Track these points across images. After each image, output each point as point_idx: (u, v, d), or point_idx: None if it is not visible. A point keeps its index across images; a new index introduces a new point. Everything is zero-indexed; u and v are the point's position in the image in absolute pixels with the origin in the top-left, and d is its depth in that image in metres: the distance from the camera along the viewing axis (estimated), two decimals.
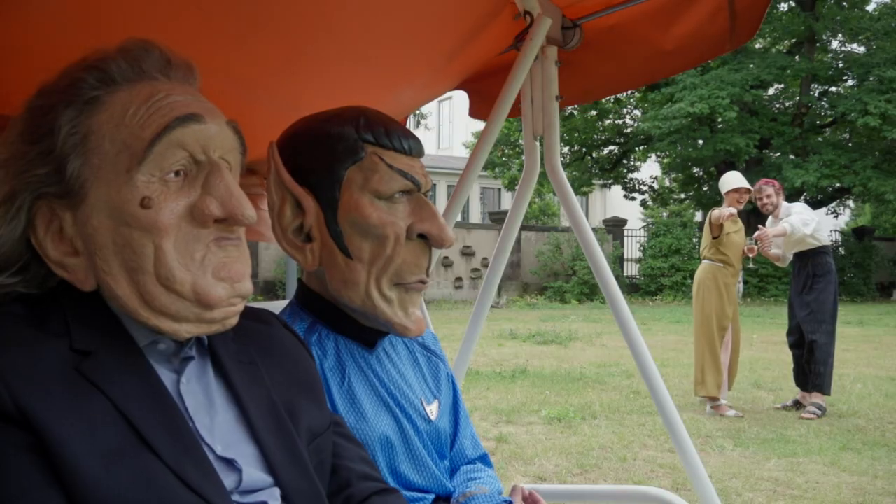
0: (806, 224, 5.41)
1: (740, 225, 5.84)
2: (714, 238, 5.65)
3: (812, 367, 5.45)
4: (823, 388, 5.42)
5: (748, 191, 5.73)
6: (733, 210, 5.53)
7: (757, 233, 5.52)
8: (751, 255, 5.68)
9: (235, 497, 0.75)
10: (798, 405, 5.58)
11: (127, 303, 0.74)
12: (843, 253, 20.34)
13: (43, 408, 0.65)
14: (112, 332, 0.75)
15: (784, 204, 5.70)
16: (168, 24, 1.18)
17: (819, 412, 5.33)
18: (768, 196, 5.67)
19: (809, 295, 5.55)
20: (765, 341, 9.74)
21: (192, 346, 0.81)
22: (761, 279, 18.88)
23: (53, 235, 0.75)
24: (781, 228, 5.42)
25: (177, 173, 0.76)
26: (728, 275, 5.65)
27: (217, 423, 0.78)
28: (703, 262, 5.77)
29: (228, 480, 0.75)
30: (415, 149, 1.12)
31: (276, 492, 0.79)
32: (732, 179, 5.79)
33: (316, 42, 1.48)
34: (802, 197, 18.16)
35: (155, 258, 0.73)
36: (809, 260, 5.59)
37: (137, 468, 0.67)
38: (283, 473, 0.80)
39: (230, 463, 0.76)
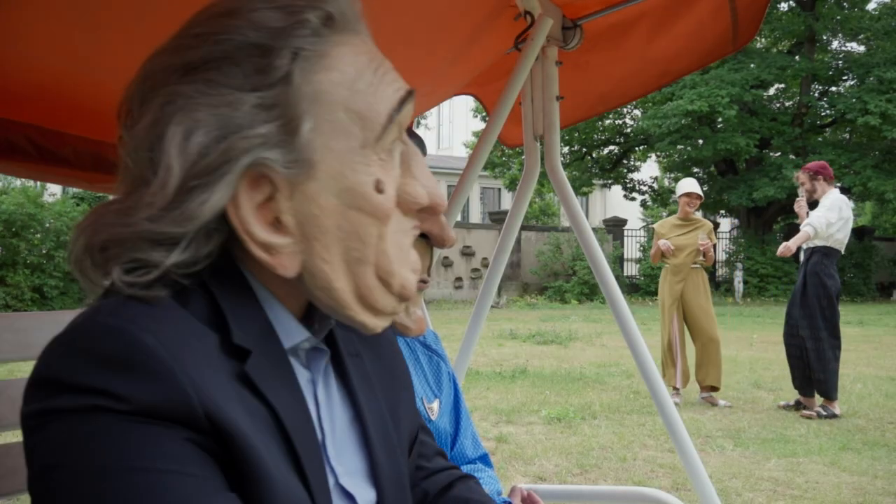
0: (830, 224, 5.35)
1: (685, 228, 6.13)
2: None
3: (812, 374, 5.41)
4: (828, 394, 5.36)
5: (699, 196, 6.13)
6: (669, 245, 5.99)
7: (780, 249, 5.52)
8: (702, 250, 5.96)
9: None
10: (800, 405, 5.56)
11: (341, 296, 0.64)
12: (843, 253, 20.32)
13: (230, 417, 0.56)
14: (263, 329, 0.64)
15: (830, 190, 5.50)
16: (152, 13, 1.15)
17: (824, 413, 5.30)
18: (802, 183, 5.60)
19: (806, 296, 5.49)
20: (765, 341, 9.74)
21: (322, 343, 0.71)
22: (761, 279, 18.89)
23: (258, 208, 0.61)
24: (804, 234, 5.36)
25: (388, 154, 0.66)
26: (670, 273, 6.06)
27: (337, 431, 0.70)
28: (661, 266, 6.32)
29: None
30: (417, 148, 1.12)
31: None
32: (686, 184, 6.19)
33: None
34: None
35: (378, 249, 0.64)
36: (811, 257, 5.52)
37: (292, 491, 0.60)
38: (388, 493, 0.72)
39: (349, 496, 0.68)
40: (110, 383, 0.52)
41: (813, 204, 5.65)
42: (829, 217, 5.36)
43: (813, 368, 5.39)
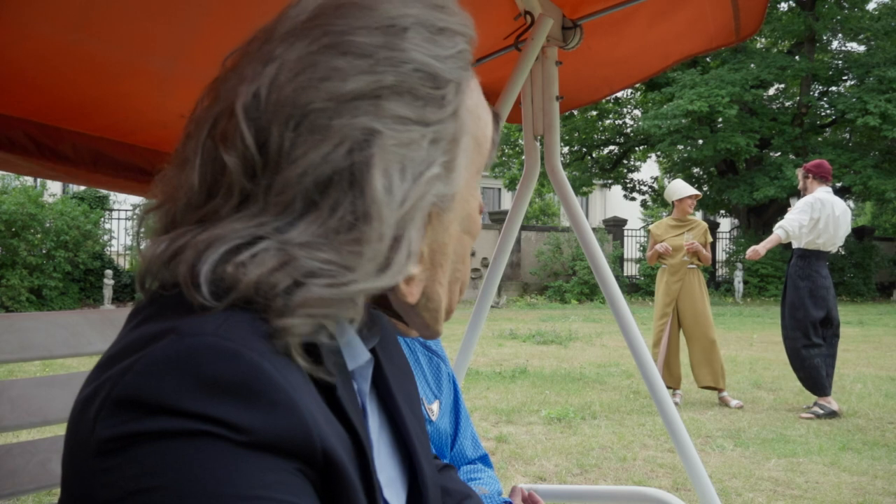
0: (802, 226, 5.37)
1: (681, 229, 6.17)
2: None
3: (795, 373, 5.46)
4: (815, 391, 5.37)
5: (697, 195, 6.19)
6: (667, 247, 6.03)
7: (748, 252, 5.61)
8: (691, 251, 6.00)
9: None
10: (820, 407, 5.47)
11: (440, 314, 0.64)
12: (843, 253, 20.34)
13: (340, 452, 0.53)
14: (336, 353, 0.60)
15: (816, 189, 5.52)
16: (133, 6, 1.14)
17: (820, 412, 5.30)
18: (799, 181, 5.68)
19: (784, 298, 5.55)
20: (765, 341, 9.74)
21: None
22: (761, 279, 18.89)
23: None
24: (775, 237, 5.43)
25: None
26: (667, 273, 6.06)
27: (381, 451, 0.68)
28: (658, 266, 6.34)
29: None
30: None
31: None
32: (679, 188, 6.21)
33: None
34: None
35: (468, 266, 0.66)
36: (791, 259, 5.58)
37: None
38: (431, 492, 0.70)
39: None
40: (226, 412, 0.47)
41: None
42: (800, 219, 5.38)
43: (793, 368, 5.46)
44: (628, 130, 21.90)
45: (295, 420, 0.49)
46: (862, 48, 19.73)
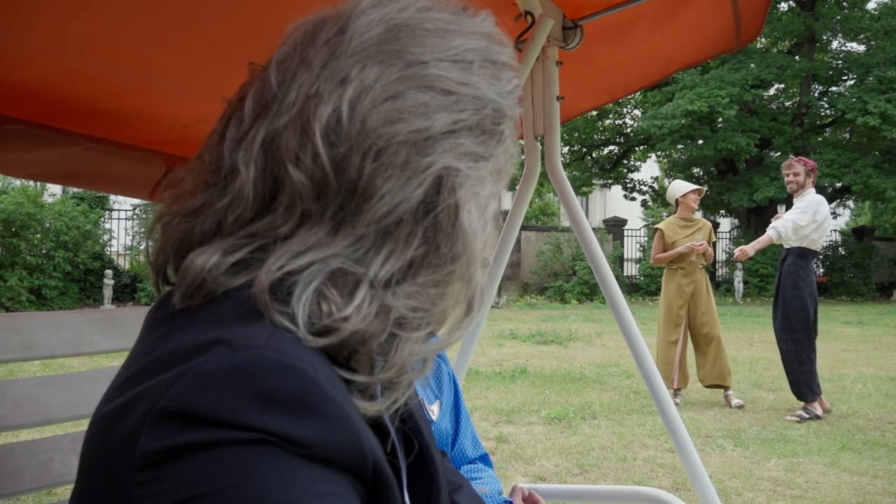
0: (798, 227, 5.32)
1: (690, 229, 6.14)
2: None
3: (787, 375, 5.39)
4: (802, 396, 5.31)
5: (698, 189, 6.12)
6: (692, 246, 5.94)
7: (736, 252, 5.59)
8: (698, 250, 5.96)
9: None
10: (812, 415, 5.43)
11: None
12: (843, 253, 20.35)
13: (386, 466, 0.53)
14: None
15: (809, 190, 5.47)
16: (79, 12, 1.13)
17: (806, 416, 5.25)
18: (795, 174, 5.47)
19: (779, 298, 5.44)
20: (765, 341, 9.73)
21: None
22: (761, 279, 18.89)
23: None
24: (767, 237, 5.41)
25: None
26: (680, 275, 6.04)
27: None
28: (665, 268, 6.26)
29: None
30: None
31: None
32: (681, 185, 6.19)
33: None
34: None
35: None
36: (784, 258, 5.49)
37: None
38: (442, 481, 0.69)
39: None
40: (283, 425, 0.47)
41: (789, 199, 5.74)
42: (798, 220, 5.33)
43: (788, 370, 5.36)
44: (628, 130, 21.90)
45: (350, 434, 0.49)
46: (862, 48, 19.73)
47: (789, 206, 5.75)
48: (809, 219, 5.33)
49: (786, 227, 5.32)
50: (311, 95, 0.55)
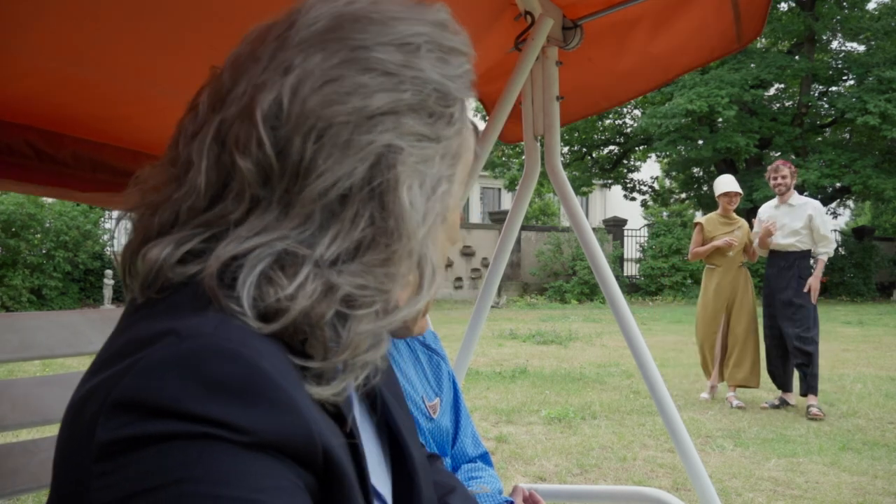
0: (829, 244, 5.56)
1: (730, 226, 6.06)
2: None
3: (809, 371, 5.48)
4: (817, 390, 5.50)
5: (739, 193, 6.09)
6: (729, 241, 5.89)
7: (812, 294, 5.51)
8: (735, 243, 5.92)
9: None
10: (785, 403, 5.62)
11: (418, 317, 0.68)
12: (843, 253, 20.34)
13: (340, 455, 0.53)
14: None
15: (795, 193, 5.71)
16: (82, 22, 1.13)
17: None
18: (783, 177, 5.68)
19: (799, 298, 5.53)
20: None
21: None
22: (761, 279, 18.86)
23: None
24: (822, 263, 5.53)
25: None
26: (719, 274, 5.97)
27: (363, 430, 0.68)
28: (705, 266, 6.22)
29: None
30: None
31: None
32: (726, 182, 6.13)
33: None
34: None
35: (444, 269, 0.69)
36: (797, 261, 5.59)
37: None
38: (421, 476, 0.70)
39: (379, 496, 0.67)
40: (228, 413, 0.47)
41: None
42: (829, 232, 5.58)
43: (809, 364, 5.47)
44: (628, 130, 21.90)
45: (295, 419, 0.50)
46: (862, 48, 19.73)
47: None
48: (829, 228, 5.63)
49: (833, 247, 5.62)
50: (257, 86, 0.57)
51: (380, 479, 0.68)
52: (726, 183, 6.07)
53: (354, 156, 0.55)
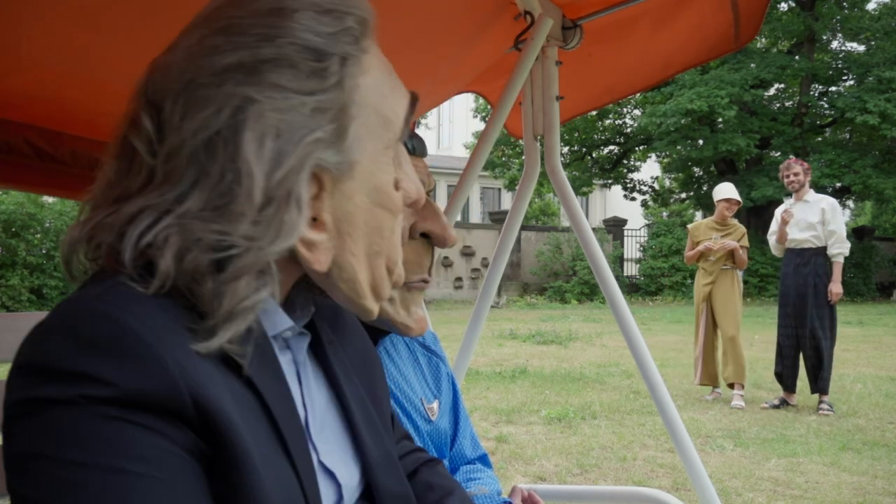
0: (847, 244, 5.56)
1: (720, 231, 6.24)
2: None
3: (820, 372, 5.51)
4: (827, 390, 5.55)
5: (738, 202, 6.27)
6: (709, 246, 6.09)
7: (833, 296, 5.53)
8: (714, 249, 6.08)
9: None
10: (785, 404, 5.63)
11: (361, 287, 0.68)
12: None
13: (219, 405, 0.56)
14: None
15: (810, 190, 5.72)
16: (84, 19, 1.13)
17: (831, 409, 5.49)
18: (795, 174, 5.71)
19: (815, 297, 5.55)
20: (765, 341, 9.73)
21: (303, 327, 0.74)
22: (761, 279, 18.89)
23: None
24: (840, 263, 5.51)
25: (397, 153, 0.70)
26: (702, 275, 6.21)
27: (317, 411, 0.72)
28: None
29: (329, 493, 0.69)
30: (419, 148, 1.12)
31: (361, 494, 0.73)
32: (725, 189, 6.26)
33: None
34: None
35: (390, 242, 0.69)
36: (812, 258, 5.59)
37: (279, 472, 0.60)
38: (377, 473, 0.74)
39: (330, 474, 0.70)
40: (95, 367, 0.52)
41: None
42: (843, 232, 5.58)
43: (823, 367, 5.51)
44: (628, 130, 21.90)
45: (159, 371, 0.53)
46: (862, 48, 19.73)
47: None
48: (843, 230, 5.62)
49: (847, 246, 5.56)
50: (149, 67, 0.63)
51: (337, 461, 0.71)
52: (726, 190, 6.24)
53: (207, 109, 0.58)
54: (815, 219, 5.55)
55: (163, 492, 0.53)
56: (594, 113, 20.97)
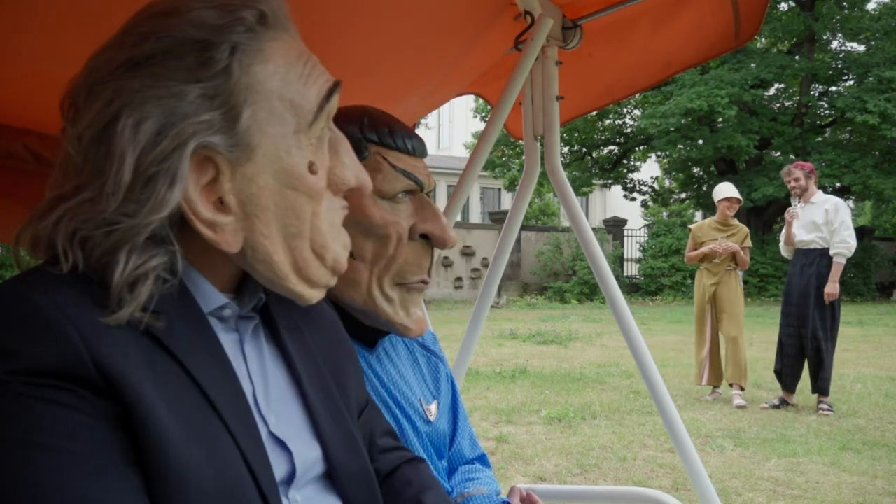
0: (852, 240, 5.49)
1: (724, 232, 6.19)
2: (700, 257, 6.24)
3: (820, 373, 5.49)
4: (826, 391, 5.54)
5: (739, 200, 6.25)
6: (714, 248, 6.04)
7: (828, 298, 5.48)
8: (719, 252, 6.03)
9: (290, 492, 0.72)
10: (785, 403, 5.62)
11: (280, 268, 0.70)
12: None
13: (125, 370, 0.59)
14: (181, 296, 0.69)
15: (817, 191, 5.67)
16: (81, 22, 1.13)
17: (831, 409, 5.47)
18: (796, 179, 5.66)
19: (819, 298, 5.51)
20: (765, 341, 9.73)
21: (254, 308, 0.77)
22: (761, 279, 18.89)
23: (204, 190, 0.67)
24: (839, 265, 5.42)
25: (318, 139, 0.73)
26: (705, 276, 6.16)
27: (271, 388, 0.75)
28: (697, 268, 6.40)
29: (280, 466, 0.72)
30: (418, 149, 1.12)
31: (325, 470, 0.76)
32: (725, 189, 6.22)
33: (321, 61, 1.47)
34: None
35: (312, 225, 0.71)
36: (817, 259, 5.57)
37: (210, 439, 0.63)
38: (334, 449, 0.77)
39: (281, 444, 0.73)
40: (7, 340, 0.57)
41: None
42: (849, 237, 5.49)
43: (823, 368, 5.48)
44: (628, 130, 21.90)
45: (60, 340, 0.57)
46: (862, 48, 19.72)
47: (789, 205, 5.83)
48: (851, 226, 5.56)
49: (848, 246, 5.46)
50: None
51: (293, 435, 0.75)
52: (726, 189, 6.22)
53: (98, 103, 0.64)
54: (820, 220, 5.54)
55: (78, 463, 0.56)
56: (594, 113, 20.96)
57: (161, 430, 0.59)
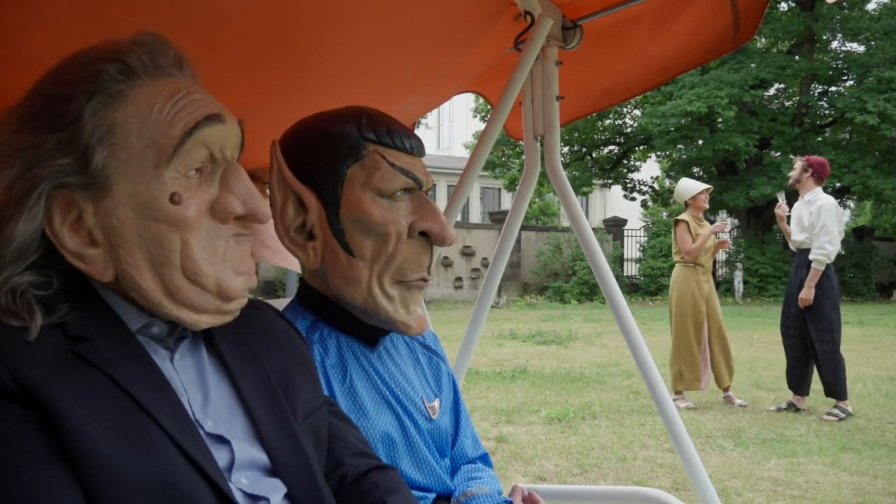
0: (833, 246, 5.30)
1: (705, 225, 6.09)
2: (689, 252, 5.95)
3: (822, 377, 5.38)
4: (836, 395, 5.34)
5: (708, 188, 6.13)
6: (724, 225, 5.95)
7: (802, 302, 5.36)
8: (728, 243, 5.97)
9: (233, 476, 0.77)
10: (792, 407, 5.56)
11: (150, 295, 0.75)
12: (843, 253, 20.31)
13: (44, 383, 0.66)
14: (104, 318, 0.76)
15: (813, 189, 5.51)
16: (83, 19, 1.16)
17: (842, 415, 5.26)
18: (793, 171, 5.61)
19: (827, 299, 5.38)
20: (765, 341, 9.74)
21: (185, 328, 0.82)
22: (761, 279, 18.89)
23: (70, 225, 0.74)
24: (816, 271, 5.28)
25: (197, 170, 0.78)
26: (700, 273, 5.91)
27: (210, 400, 0.80)
28: (676, 265, 6.05)
29: (221, 456, 0.76)
30: (416, 147, 1.12)
31: (268, 466, 0.81)
32: (692, 185, 6.15)
33: (321, 61, 1.47)
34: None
35: (182, 253, 0.76)
36: (805, 260, 5.45)
37: (140, 437, 0.69)
38: (276, 449, 0.81)
39: (220, 439, 0.78)
40: None
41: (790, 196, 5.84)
42: (833, 233, 5.30)
43: (826, 371, 5.35)
44: (628, 130, 21.90)
45: None
46: (861, 48, 19.72)
47: (789, 205, 5.76)
48: (835, 230, 5.34)
49: (825, 252, 5.28)
50: None
51: (233, 435, 0.79)
52: (695, 182, 6.18)
53: None
54: (806, 221, 5.43)
55: (14, 461, 0.63)
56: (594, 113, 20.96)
57: (77, 430, 0.65)
